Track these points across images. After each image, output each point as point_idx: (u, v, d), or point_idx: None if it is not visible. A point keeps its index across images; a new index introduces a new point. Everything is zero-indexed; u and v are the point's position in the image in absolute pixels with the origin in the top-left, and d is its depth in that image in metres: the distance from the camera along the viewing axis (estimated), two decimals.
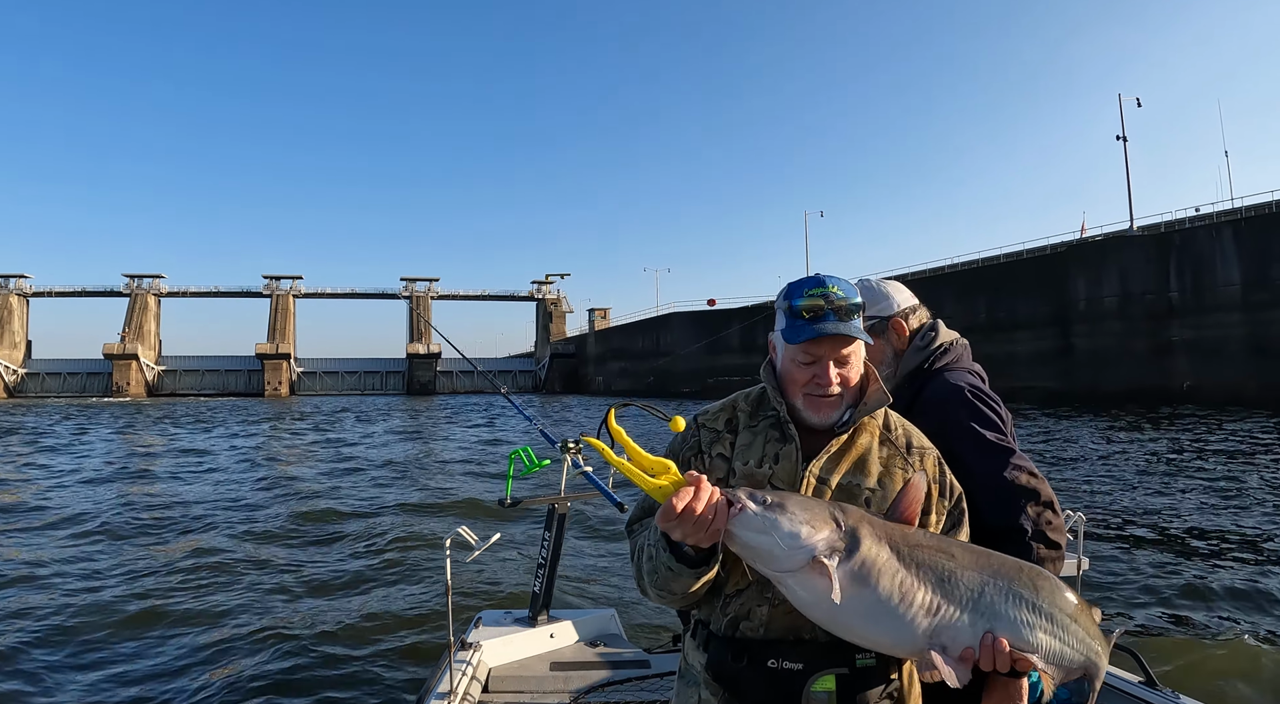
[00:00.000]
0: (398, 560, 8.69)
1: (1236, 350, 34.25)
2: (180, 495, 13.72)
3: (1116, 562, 7.69)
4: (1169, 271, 37.89)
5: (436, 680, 3.41)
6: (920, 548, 1.49)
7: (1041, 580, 1.52)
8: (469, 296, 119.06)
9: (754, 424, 1.79)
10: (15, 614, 6.72)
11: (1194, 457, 16.07)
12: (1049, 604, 1.50)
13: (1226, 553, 8.05)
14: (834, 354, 1.68)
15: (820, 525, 1.44)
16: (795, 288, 1.72)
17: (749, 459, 1.74)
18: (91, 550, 9.22)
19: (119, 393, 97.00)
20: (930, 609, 1.44)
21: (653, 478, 1.55)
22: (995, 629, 1.45)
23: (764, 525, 1.43)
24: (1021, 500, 1.97)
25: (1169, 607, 6.33)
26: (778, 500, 1.46)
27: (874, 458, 1.72)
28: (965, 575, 1.47)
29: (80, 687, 5.27)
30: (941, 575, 1.46)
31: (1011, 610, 1.46)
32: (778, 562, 1.45)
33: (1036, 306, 44.23)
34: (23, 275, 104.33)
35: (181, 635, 6.21)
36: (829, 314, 1.66)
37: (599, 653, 4.25)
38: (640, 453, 1.58)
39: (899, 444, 1.75)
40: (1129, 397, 35.74)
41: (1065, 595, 1.54)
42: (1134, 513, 10.27)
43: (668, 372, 77.49)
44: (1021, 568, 1.53)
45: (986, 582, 1.47)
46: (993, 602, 1.46)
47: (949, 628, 1.44)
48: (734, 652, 1.66)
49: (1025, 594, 1.48)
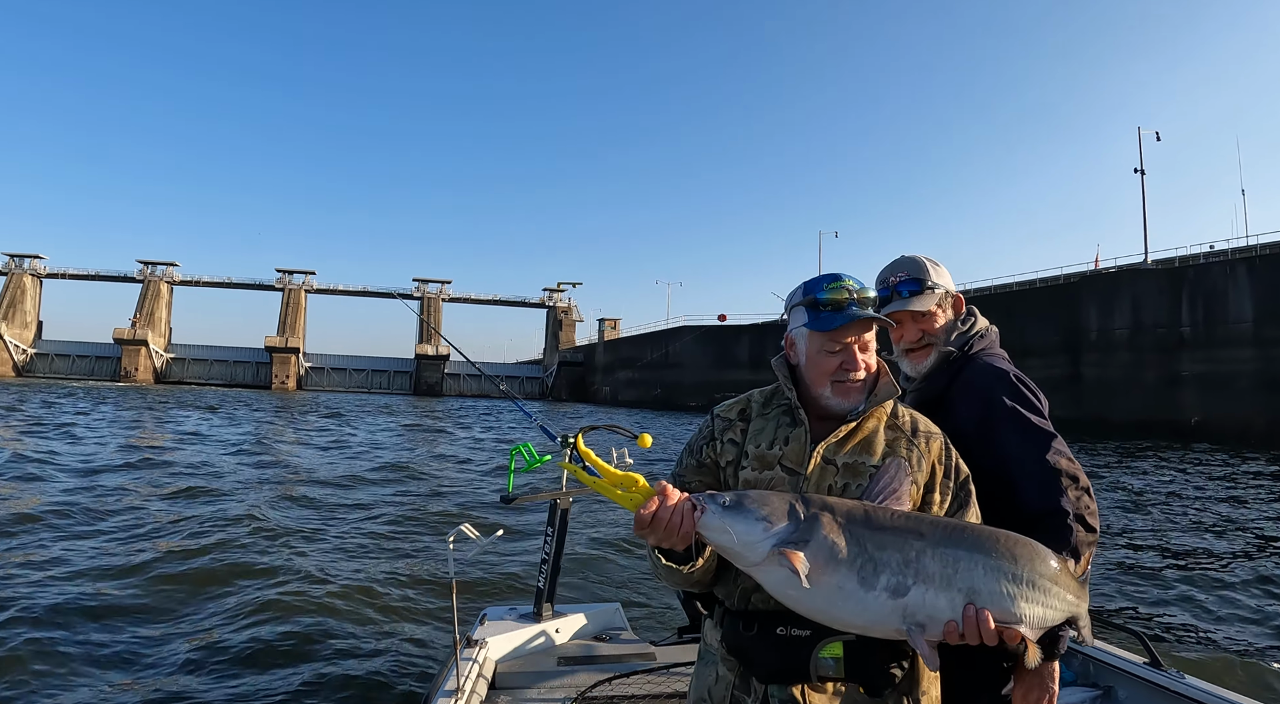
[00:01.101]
0: (401, 557, 8.71)
1: (1246, 386, 34.09)
2: (181, 487, 13.70)
3: (1125, 553, 7.66)
4: (1181, 305, 37.77)
5: (444, 678, 3.41)
6: (886, 530, 1.51)
7: (1020, 548, 1.53)
8: (480, 300, 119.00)
9: (766, 412, 1.91)
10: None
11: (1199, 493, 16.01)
12: (1029, 571, 1.51)
13: (1226, 551, 8.01)
14: (859, 340, 1.80)
15: (777, 519, 1.51)
16: (814, 284, 1.84)
17: (760, 442, 1.85)
18: (95, 548, 9.21)
19: (127, 378, 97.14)
20: (895, 590, 1.47)
21: (624, 492, 1.65)
22: (977, 603, 1.47)
23: (724, 525, 1.52)
24: (1063, 483, 2.00)
25: (1172, 589, 6.31)
26: (735, 499, 1.54)
27: (879, 439, 1.81)
28: (936, 553, 1.49)
29: (84, 683, 5.24)
30: (907, 557, 1.48)
31: (991, 583, 1.48)
32: (741, 558, 1.53)
33: (1048, 334, 44.09)
34: (37, 256, 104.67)
35: (186, 632, 6.18)
36: (852, 304, 1.79)
37: (605, 646, 4.26)
38: (609, 469, 1.69)
39: (905, 428, 1.84)
40: (1137, 427, 35.57)
41: (1046, 561, 1.55)
42: (1143, 530, 10.23)
43: (675, 384, 77.44)
44: (998, 538, 1.54)
45: (961, 557, 1.49)
46: (969, 576, 1.48)
47: (923, 606, 1.47)
48: (745, 622, 1.75)
49: (1004, 566, 1.49)
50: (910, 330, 2.35)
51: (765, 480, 1.79)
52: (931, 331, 2.34)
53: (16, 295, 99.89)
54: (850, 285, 1.80)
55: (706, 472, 1.91)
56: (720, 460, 1.90)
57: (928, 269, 2.37)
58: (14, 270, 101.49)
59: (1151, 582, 6.39)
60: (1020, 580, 1.49)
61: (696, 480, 1.91)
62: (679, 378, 77.76)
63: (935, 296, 2.35)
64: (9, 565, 7.66)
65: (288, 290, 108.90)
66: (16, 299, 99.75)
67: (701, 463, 1.92)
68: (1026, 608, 1.49)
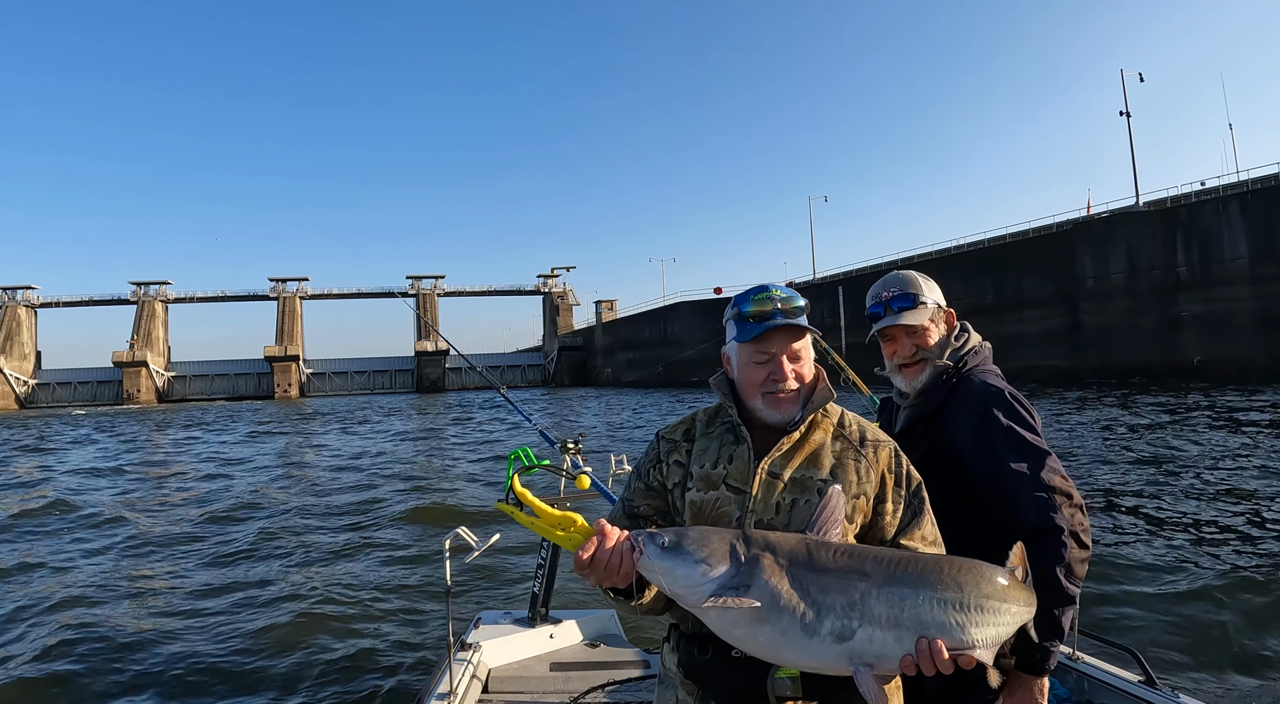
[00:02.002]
0: (397, 561, 8.73)
1: (1245, 324, 34.11)
2: (179, 494, 13.76)
3: (1116, 555, 7.65)
4: (1176, 247, 37.71)
5: (437, 681, 3.42)
6: (829, 572, 1.48)
7: (965, 575, 1.49)
8: (476, 292, 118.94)
9: (710, 431, 1.89)
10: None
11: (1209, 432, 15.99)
12: (977, 597, 1.48)
13: (1228, 545, 7.99)
14: (786, 350, 1.79)
15: (717, 562, 1.47)
16: (742, 297, 1.85)
17: (704, 462, 1.83)
18: (92, 554, 9.24)
19: (130, 400, 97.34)
20: (840, 634, 1.44)
21: (562, 532, 1.62)
22: (929, 635, 1.44)
23: (664, 568, 1.49)
24: (1058, 501, 2.05)
25: (1171, 606, 6.28)
26: (675, 541, 1.50)
27: (827, 452, 1.78)
28: (881, 593, 1.46)
29: (77, 686, 5.28)
30: (851, 599, 1.45)
31: (939, 616, 1.45)
32: (682, 599, 1.50)
33: (1043, 285, 44.12)
34: (29, 287, 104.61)
35: (180, 636, 6.24)
36: (776, 313, 1.78)
37: (599, 653, 4.26)
38: (546, 510, 1.66)
39: (852, 438, 1.81)
40: (1138, 372, 35.65)
41: (993, 581, 1.51)
42: (1134, 502, 10.22)
43: (677, 361, 77.45)
44: (942, 568, 1.51)
45: (907, 595, 1.45)
46: (916, 612, 1.44)
47: (870, 647, 1.44)
48: (699, 646, 1.75)
49: (950, 596, 1.46)
50: (904, 345, 2.41)
51: (711, 501, 1.78)
52: (925, 346, 2.40)
53: (12, 328, 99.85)
54: (776, 295, 1.79)
55: (655, 495, 1.90)
56: (667, 483, 1.88)
57: (919, 284, 2.42)
58: (8, 303, 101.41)
59: (1147, 597, 6.35)
60: (968, 607, 1.46)
61: (645, 504, 1.89)
62: (680, 354, 77.75)
63: (928, 311, 2.40)
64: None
65: (282, 299, 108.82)
66: (13, 332, 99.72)
67: (649, 486, 1.90)
68: (978, 632, 1.46)
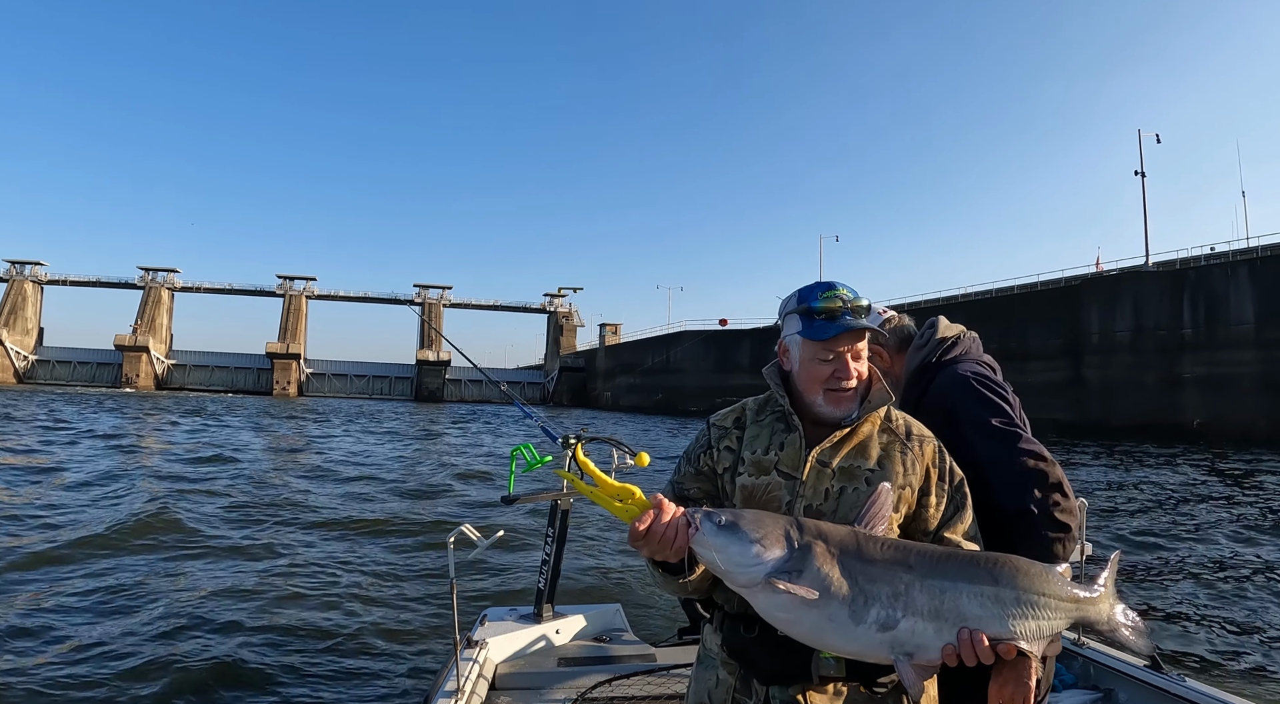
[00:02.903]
0: (402, 559, 8.72)
1: (1249, 387, 34.09)
2: (180, 493, 13.71)
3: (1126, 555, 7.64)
4: (1183, 307, 37.81)
5: (444, 678, 3.41)
6: (876, 563, 1.54)
7: (1001, 569, 1.57)
8: (481, 306, 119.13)
9: (760, 419, 1.93)
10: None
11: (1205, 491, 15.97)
12: (1013, 590, 1.55)
13: (1228, 553, 7.99)
14: (852, 349, 1.83)
15: (772, 544, 1.52)
16: (809, 292, 1.86)
17: (756, 448, 1.87)
18: (93, 550, 9.20)
19: (128, 384, 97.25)
20: (885, 623, 1.51)
21: (620, 503, 1.67)
22: (970, 626, 1.51)
23: (718, 545, 1.52)
24: (1029, 483, 2.05)
25: (1173, 591, 6.28)
26: (731, 520, 1.54)
27: (874, 443, 1.84)
28: (924, 585, 1.53)
29: (84, 682, 5.23)
30: (896, 590, 1.52)
31: (977, 608, 1.52)
32: (733, 579, 1.54)
33: (1049, 337, 44.17)
34: (38, 262, 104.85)
35: (186, 632, 6.16)
36: (845, 313, 1.81)
37: (605, 648, 4.25)
38: (606, 480, 1.70)
39: (899, 432, 1.86)
40: (1139, 430, 35.60)
41: (1029, 576, 1.57)
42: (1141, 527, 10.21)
43: (676, 389, 77.44)
44: (979, 562, 1.59)
45: (947, 588, 1.53)
46: (956, 605, 1.52)
47: (912, 637, 1.51)
48: (745, 625, 1.77)
49: (986, 590, 1.54)
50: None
51: (762, 486, 1.82)
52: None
53: (18, 302, 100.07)
54: (844, 294, 1.82)
55: (704, 479, 1.93)
56: (718, 468, 1.91)
57: None
58: (15, 277, 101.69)
59: (1153, 583, 6.37)
60: (1004, 600, 1.53)
61: (695, 488, 1.93)
62: (680, 383, 77.79)
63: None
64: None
65: (289, 296, 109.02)
66: (18, 306, 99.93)
67: (699, 470, 1.94)
68: (1017, 624, 1.53)
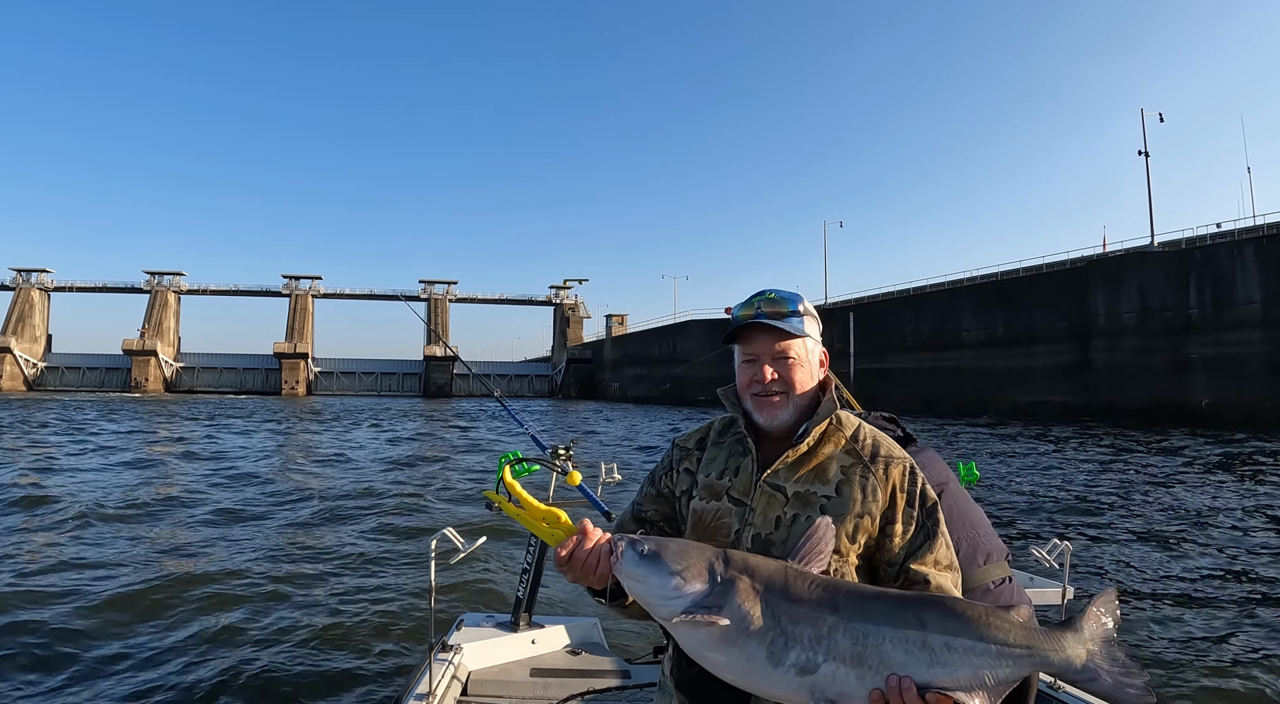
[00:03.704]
0: (382, 561, 8.72)
1: (1256, 368, 33.91)
2: (166, 492, 13.75)
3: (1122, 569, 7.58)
4: (1189, 288, 37.62)
5: (416, 681, 3.40)
6: (801, 603, 1.44)
7: (929, 611, 1.44)
8: (487, 300, 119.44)
9: (721, 440, 1.88)
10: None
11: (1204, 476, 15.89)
12: (942, 634, 1.41)
13: (1226, 570, 7.93)
14: (768, 352, 1.77)
15: (693, 578, 1.45)
16: (740, 304, 1.86)
17: (711, 472, 1.82)
18: (77, 545, 9.23)
19: (137, 389, 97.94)
20: (804, 667, 1.40)
21: (547, 526, 1.67)
22: (899, 673, 1.38)
23: (639, 576, 1.47)
24: None
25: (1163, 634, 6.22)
26: (654, 550, 1.48)
27: (834, 466, 1.73)
28: (847, 629, 1.41)
29: (51, 685, 5.24)
30: (819, 632, 1.41)
31: (902, 654, 1.39)
32: (655, 611, 1.49)
33: (1055, 321, 44.06)
34: (44, 270, 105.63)
35: (157, 635, 6.17)
36: (760, 315, 1.78)
37: (580, 661, 4.23)
38: (533, 503, 1.71)
39: (864, 453, 1.75)
40: (1146, 412, 35.54)
41: (962, 619, 1.43)
42: (1135, 536, 10.15)
43: (684, 379, 77.44)
44: (906, 604, 1.45)
45: (870, 632, 1.40)
46: (879, 651, 1.39)
47: (833, 684, 1.40)
48: (689, 659, 1.70)
49: (912, 634, 1.40)
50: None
51: (712, 511, 1.77)
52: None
53: (25, 310, 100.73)
54: (767, 298, 1.80)
55: (664, 501, 1.91)
56: (676, 490, 1.89)
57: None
58: (22, 285, 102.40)
59: (1139, 622, 6.30)
60: (932, 646, 1.40)
61: (653, 509, 1.91)
62: (688, 372, 77.77)
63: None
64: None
65: (294, 296, 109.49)
66: (25, 313, 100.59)
67: (660, 492, 1.92)
68: (948, 672, 1.39)
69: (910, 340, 54.89)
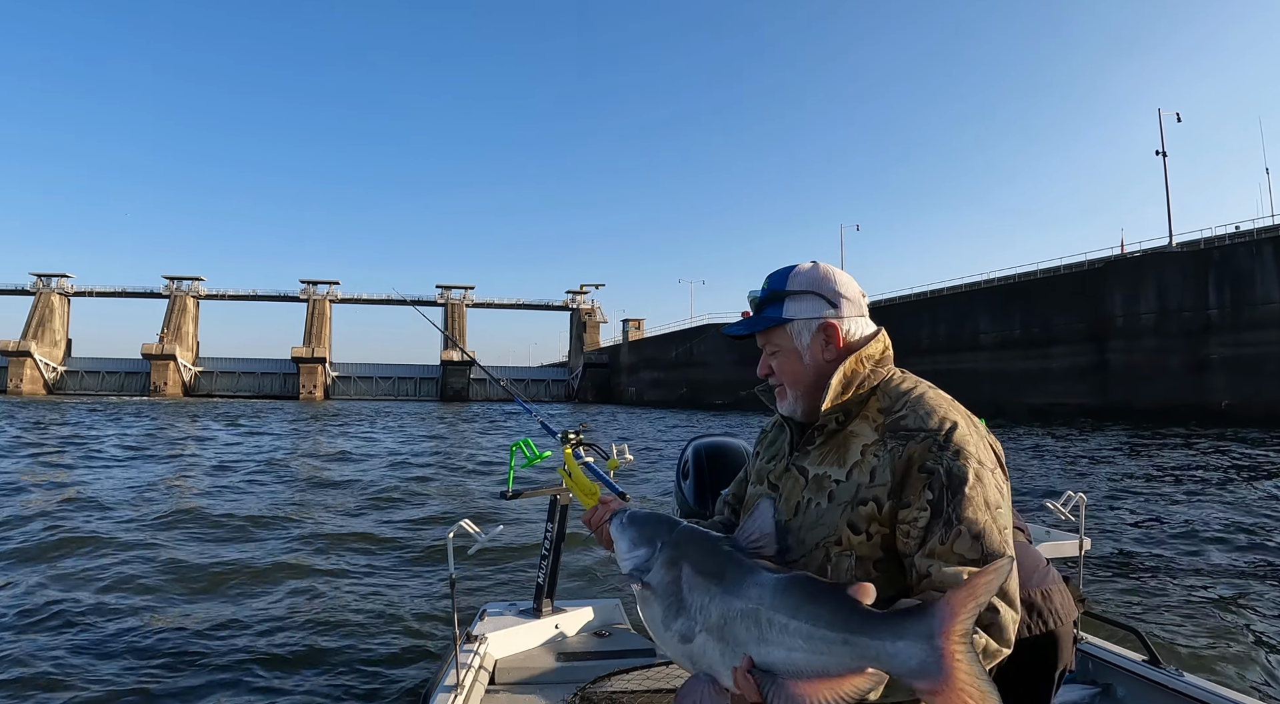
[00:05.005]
0: (401, 554, 8.73)
1: (1276, 368, 33.60)
2: (186, 486, 13.84)
3: (1121, 547, 7.56)
4: (1208, 288, 37.35)
5: (443, 673, 3.41)
6: (704, 574, 1.39)
7: (777, 588, 1.29)
8: (504, 305, 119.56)
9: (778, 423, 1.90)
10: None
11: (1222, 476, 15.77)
12: (773, 611, 1.27)
13: (1231, 544, 7.89)
14: (762, 344, 1.76)
15: (641, 544, 1.55)
16: None
17: (765, 456, 1.84)
18: (105, 542, 9.31)
19: (156, 393, 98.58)
20: (684, 635, 1.38)
21: (586, 495, 2.17)
22: (750, 653, 1.28)
23: (614, 540, 1.63)
24: None
25: (1174, 587, 6.22)
26: (627, 519, 1.63)
27: (856, 444, 1.57)
28: (720, 601, 1.34)
29: (74, 675, 5.27)
30: (702, 602, 1.36)
31: (743, 631, 1.30)
32: (623, 571, 1.58)
33: (1072, 322, 43.76)
34: (64, 275, 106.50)
35: (181, 627, 6.17)
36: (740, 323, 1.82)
37: (605, 642, 4.23)
38: (582, 478, 2.30)
39: (889, 427, 1.53)
40: (1165, 413, 35.21)
41: (784, 594, 1.28)
42: (1145, 521, 10.10)
43: (700, 383, 77.37)
44: (760, 577, 1.33)
45: (733, 606, 1.31)
46: (733, 626, 1.31)
47: (704, 656, 1.35)
48: None
49: (751, 609, 1.29)
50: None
51: (755, 495, 1.78)
52: None
53: (45, 314, 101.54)
54: (751, 294, 1.80)
55: (742, 485, 1.95)
56: (750, 474, 1.92)
57: None
58: (42, 290, 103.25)
59: (1151, 577, 6.29)
60: (763, 622, 1.27)
61: (733, 494, 1.97)
62: (704, 376, 77.72)
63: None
64: None
65: (312, 301, 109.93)
66: (45, 318, 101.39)
67: (745, 477, 1.95)
68: (763, 649, 1.26)
69: (926, 343, 54.36)
